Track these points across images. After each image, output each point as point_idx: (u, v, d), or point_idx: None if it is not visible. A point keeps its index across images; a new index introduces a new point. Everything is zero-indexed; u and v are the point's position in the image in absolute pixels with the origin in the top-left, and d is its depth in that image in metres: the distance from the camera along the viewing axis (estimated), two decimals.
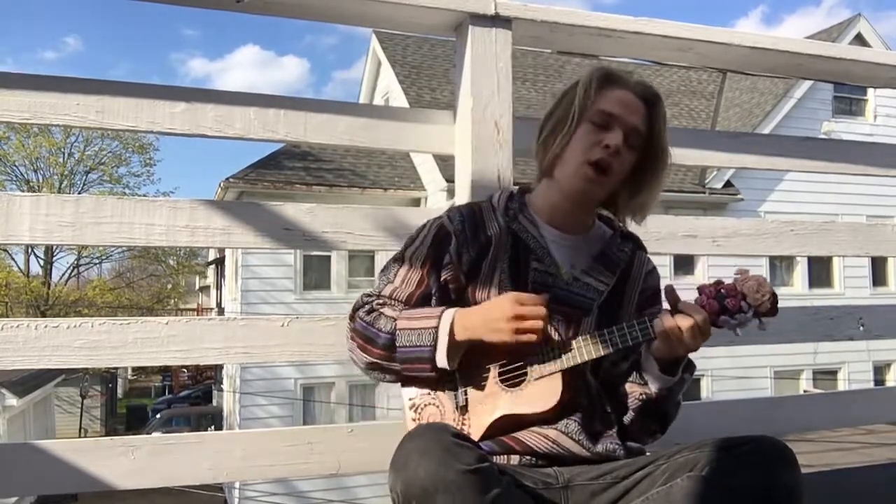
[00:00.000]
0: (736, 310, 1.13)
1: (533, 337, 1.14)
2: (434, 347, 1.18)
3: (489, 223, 1.32)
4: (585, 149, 1.26)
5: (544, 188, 1.35)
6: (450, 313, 1.20)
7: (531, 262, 1.28)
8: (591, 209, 1.36)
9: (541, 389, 1.19)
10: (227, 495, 12.64)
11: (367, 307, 1.29)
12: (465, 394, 1.22)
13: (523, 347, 1.17)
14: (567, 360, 1.18)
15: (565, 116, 1.30)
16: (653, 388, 1.25)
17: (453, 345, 1.19)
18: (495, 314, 1.16)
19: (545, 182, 1.35)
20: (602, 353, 1.18)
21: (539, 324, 1.14)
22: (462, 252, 1.28)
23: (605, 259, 1.33)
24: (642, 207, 1.34)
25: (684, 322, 1.14)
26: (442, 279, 1.28)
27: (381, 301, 1.29)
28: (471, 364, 1.23)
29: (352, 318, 1.30)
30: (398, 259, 1.33)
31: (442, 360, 1.19)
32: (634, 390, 1.28)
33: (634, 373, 1.29)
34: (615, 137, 1.25)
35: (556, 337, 1.22)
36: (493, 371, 1.22)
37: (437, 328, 1.19)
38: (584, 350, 1.18)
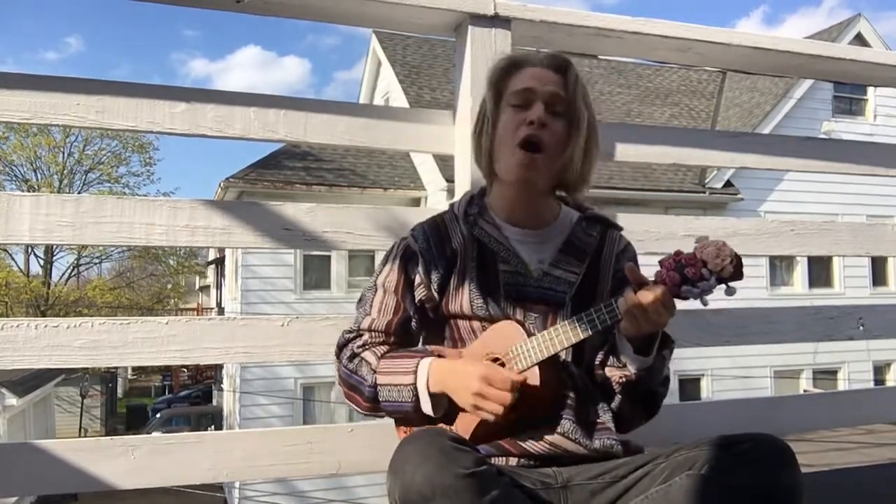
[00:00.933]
0: (697, 278, 1.10)
1: (490, 417, 1.13)
2: (415, 403, 1.19)
3: (453, 235, 1.32)
4: (512, 131, 1.27)
5: (496, 189, 1.35)
6: (424, 369, 1.19)
7: (499, 264, 1.28)
8: (545, 196, 1.34)
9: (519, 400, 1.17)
10: (227, 495, 12.64)
11: (348, 352, 1.29)
12: (451, 401, 1.21)
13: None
14: (540, 353, 1.17)
15: (484, 112, 1.32)
16: (632, 369, 1.23)
17: (433, 397, 1.19)
18: (462, 383, 1.15)
19: (494, 183, 1.35)
20: (573, 341, 1.17)
21: (498, 409, 1.12)
22: (430, 270, 1.28)
23: (572, 247, 1.32)
24: (582, 177, 1.32)
25: (646, 297, 1.11)
26: (417, 301, 1.29)
27: (361, 343, 1.29)
28: None
29: (337, 356, 1.31)
30: (372, 288, 1.33)
31: (428, 411, 1.20)
32: (614, 374, 1.26)
33: (611, 357, 1.27)
34: (536, 110, 1.26)
35: (536, 334, 1.21)
36: None
37: (414, 385, 1.19)
38: (555, 340, 1.17)
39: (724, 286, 1.12)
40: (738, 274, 1.11)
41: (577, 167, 1.30)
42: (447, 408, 1.21)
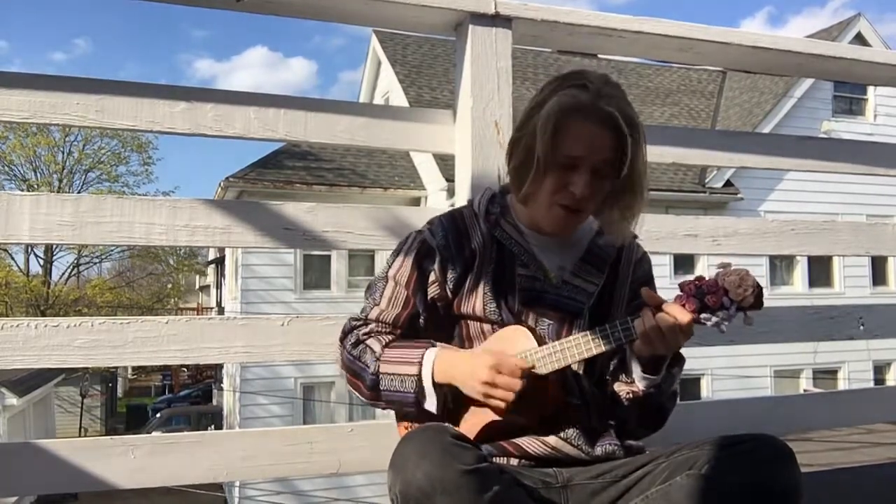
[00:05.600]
0: (717, 307, 1.09)
1: (501, 405, 1.12)
2: (417, 394, 1.18)
3: (473, 233, 1.28)
4: (553, 192, 1.21)
5: (523, 207, 1.29)
6: (430, 360, 1.18)
7: (517, 268, 1.26)
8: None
9: (526, 395, 1.16)
10: (228, 495, 12.64)
11: (353, 338, 1.27)
12: (455, 402, 1.21)
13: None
14: (550, 365, 1.16)
15: (529, 158, 1.20)
16: (640, 385, 1.23)
17: (436, 387, 1.18)
18: (471, 373, 1.13)
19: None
20: (585, 356, 1.16)
21: (509, 396, 1.11)
22: (447, 268, 1.26)
23: (593, 257, 1.30)
24: (631, 221, 1.27)
25: (665, 322, 1.11)
26: (429, 298, 1.27)
27: (367, 331, 1.27)
28: None
29: (342, 341, 1.29)
30: (383, 278, 1.30)
31: (431, 406, 1.18)
32: (622, 389, 1.26)
33: (621, 373, 1.27)
34: (580, 183, 1.18)
35: (547, 342, 1.20)
36: None
37: (419, 376, 1.18)
38: (567, 354, 1.16)
39: (743, 315, 1.11)
40: (758, 304, 1.10)
41: (614, 220, 1.27)
42: (451, 407, 1.21)
